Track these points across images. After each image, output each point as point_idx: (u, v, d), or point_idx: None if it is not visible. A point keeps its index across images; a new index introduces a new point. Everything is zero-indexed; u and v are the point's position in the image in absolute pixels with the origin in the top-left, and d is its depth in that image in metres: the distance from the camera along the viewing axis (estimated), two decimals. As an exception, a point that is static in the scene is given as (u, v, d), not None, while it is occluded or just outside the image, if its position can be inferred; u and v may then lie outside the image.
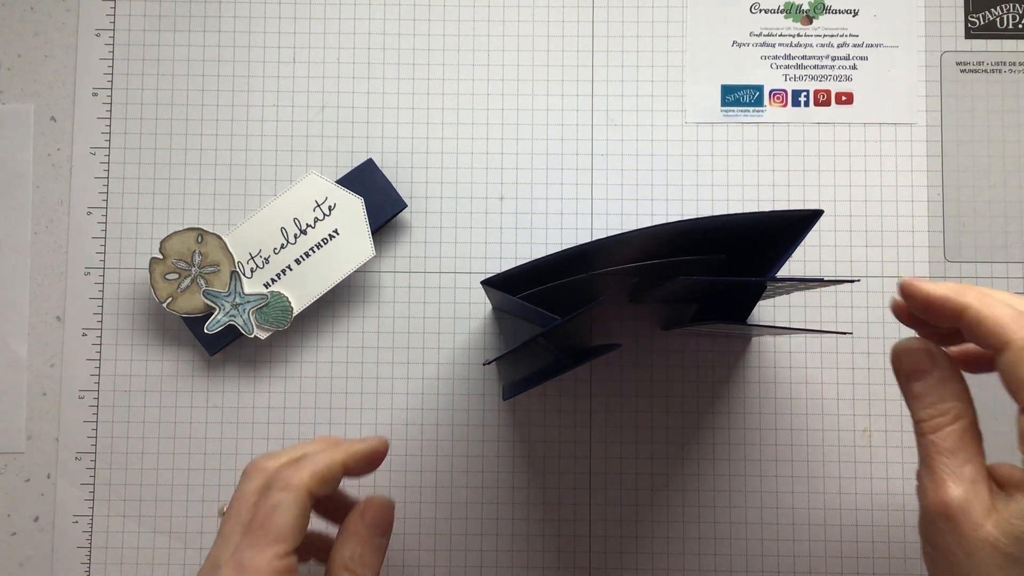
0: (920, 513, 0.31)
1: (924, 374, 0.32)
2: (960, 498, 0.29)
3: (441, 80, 0.45)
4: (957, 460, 0.30)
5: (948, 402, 0.31)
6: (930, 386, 0.31)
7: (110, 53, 0.46)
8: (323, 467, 0.33)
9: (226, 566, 0.30)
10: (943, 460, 0.30)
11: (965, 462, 0.30)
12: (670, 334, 0.44)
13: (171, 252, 0.43)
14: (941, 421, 0.31)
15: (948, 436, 0.30)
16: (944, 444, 0.30)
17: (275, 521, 0.31)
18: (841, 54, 0.46)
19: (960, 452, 0.30)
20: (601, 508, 0.44)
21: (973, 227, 0.45)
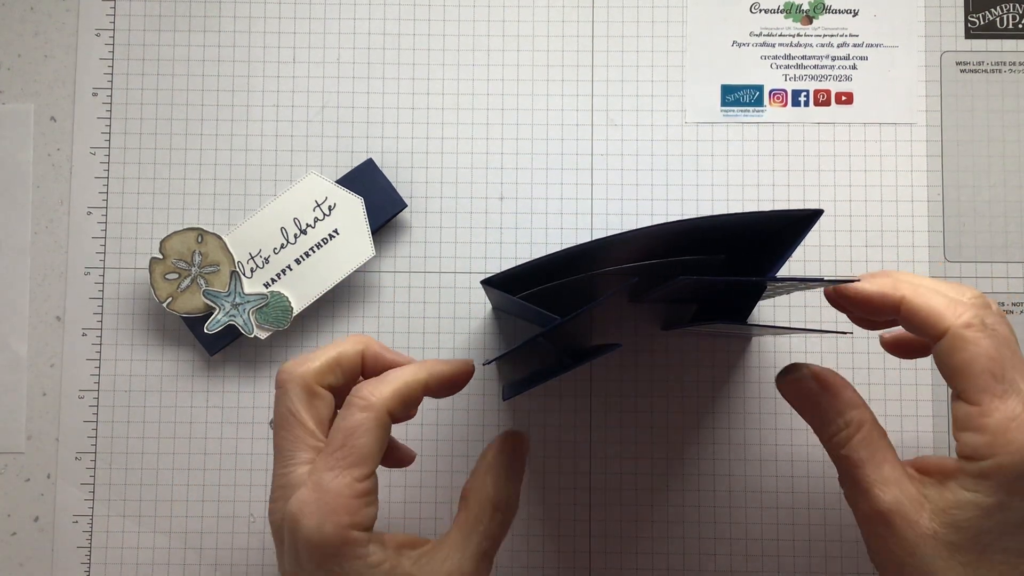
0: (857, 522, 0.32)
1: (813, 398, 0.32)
2: (890, 502, 0.30)
3: (441, 80, 0.46)
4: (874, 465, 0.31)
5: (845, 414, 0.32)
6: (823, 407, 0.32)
7: (110, 53, 0.46)
8: (404, 386, 0.31)
9: (305, 488, 0.29)
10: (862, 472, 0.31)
11: (882, 463, 0.31)
12: (670, 334, 0.44)
13: (171, 252, 0.43)
14: (846, 434, 0.31)
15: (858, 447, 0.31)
16: (857, 456, 0.31)
17: (356, 444, 0.29)
18: (841, 54, 0.46)
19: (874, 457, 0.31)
20: (601, 508, 0.44)
21: (973, 227, 0.45)
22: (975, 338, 0.29)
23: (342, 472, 0.29)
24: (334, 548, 0.29)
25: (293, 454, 0.31)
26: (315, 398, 0.31)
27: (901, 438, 0.44)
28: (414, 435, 0.44)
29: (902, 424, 0.44)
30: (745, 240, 0.39)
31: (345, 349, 0.33)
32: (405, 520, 0.44)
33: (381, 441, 0.30)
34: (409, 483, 0.44)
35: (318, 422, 0.31)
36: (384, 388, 0.31)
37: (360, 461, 0.30)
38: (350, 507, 0.29)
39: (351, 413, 0.30)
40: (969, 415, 0.29)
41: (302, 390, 0.31)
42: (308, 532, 0.29)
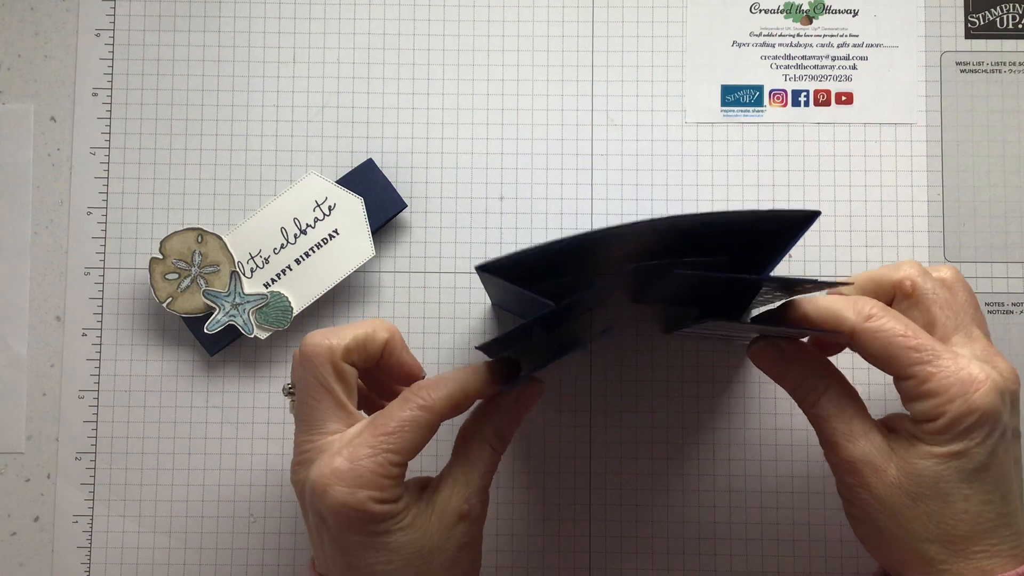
0: (834, 478, 0.34)
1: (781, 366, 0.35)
2: (858, 453, 0.32)
3: (441, 80, 0.46)
4: (843, 420, 0.33)
5: (811, 378, 0.34)
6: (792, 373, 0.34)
7: (110, 53, 0.46)
8: (460, 393, 0.33)
9: (340, 457, 0.31)
10: (831, 426, 0.33)
11: (851, 418, 0.33)
12: (671, 336, 0.44)
13: (171, 252, 0.43)
14: (814, 395, 0.33)
15: (826, 403, 0.33)
16: (826, 412, 0.33)
17: (405, 436, 0.31)
18: (841, 54, 0.46)
19: (843, 412, 0.33)
20: (601, 508, 0.44)
21: (973, 227, 0.45)
22: (877, 326, 0.31)
23: (381, 453, 0.31)
24: (362, 515, 0.30)
25: (323, 423, 0.32)
26: (343, 372, 0.33)
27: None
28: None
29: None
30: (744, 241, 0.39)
31: (373, 333, 0.34)
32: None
33: (425, 439, 0.32)
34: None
35: (348, 393, 0.33)
36: (441, 393, 0.32)
37: (402, 450, 0.31)
38: (380, 484, 0.31)
39: (409, 406, 0.32)
40: (908, 388, 0.32)
41: (330, 363, 0.32)
42: (339, 498, 0.30)
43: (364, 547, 0.31)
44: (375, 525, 0.31)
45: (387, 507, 0.31)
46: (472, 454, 0.34)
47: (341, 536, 0.31)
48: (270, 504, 0.44)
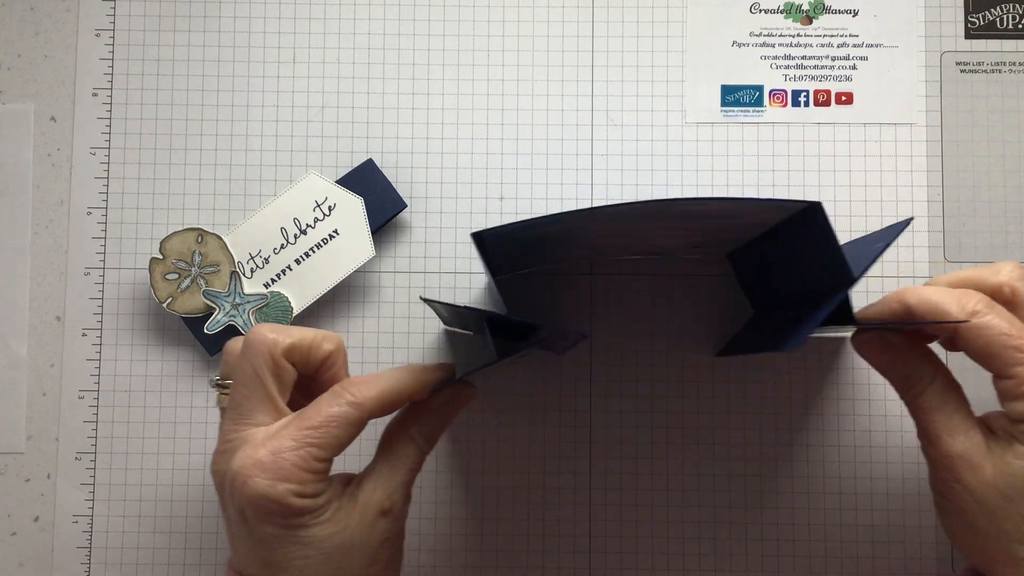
0: (928, 471, 0.34)
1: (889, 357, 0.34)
2: (957, 448, 0.32)
3: (441, 80, 0.46)
4: (945, 414, 0.33)
5: (918, 370, 0.33)
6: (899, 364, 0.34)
7: (110, 53, 0.46)
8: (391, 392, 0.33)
9: (263, 449, 0.31)
10: (932, 419, 0.33)
11: (953, 413, 0.33)
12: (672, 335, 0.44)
13: (171, 252, 0.43)
14: (918, 388, 0.33)
15: (930, 396, 0.33)
16: (929, 404, 0.33)
17: (331, 431, 0.31)
18: (841, 54, 0.46)
19: (945, 407, 0.33)
20: (601, 508, 0.44)
21: (973, 227, 0.45)
22: (983, 323, 0.31)
23: (304, 447, 0.31)
24: (281, 508, 0.30)
25: (251, 415, 0.32)
26: (281, 368, 0.33)
27: (901, 438, 0.44)
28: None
29: (902, 424, 0.44)
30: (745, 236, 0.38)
31: (320, 341, 0.34)
32: (405, 520, 0.44)
33: (353, 437, 0.32)
34: (409, 483, 0.44)
35: (281, 389, 0.33)
36: (371, 391, 0.32)
37: (326, 446, 0.31)
38: (301, 478, 0.31)
39: (338, 402, 0.32)
40: (1007, 388, 0.31)
41: (271, 357, 0.32)
42: (259, 490, 0.30)
43: (282, 541, 0.31)
44: (294, 519, 0.31)
45: (307, 501, 0.31)
46: (397, 452, 0.34)
47: (259, 529, 0.31)
48: (270, 504, 0.44)
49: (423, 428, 0.34)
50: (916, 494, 0.43)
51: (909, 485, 0.44)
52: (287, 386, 0.33)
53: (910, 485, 0.44)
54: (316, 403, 0.32)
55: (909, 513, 0.43)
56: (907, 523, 0.43)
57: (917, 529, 0.43)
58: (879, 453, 0.44)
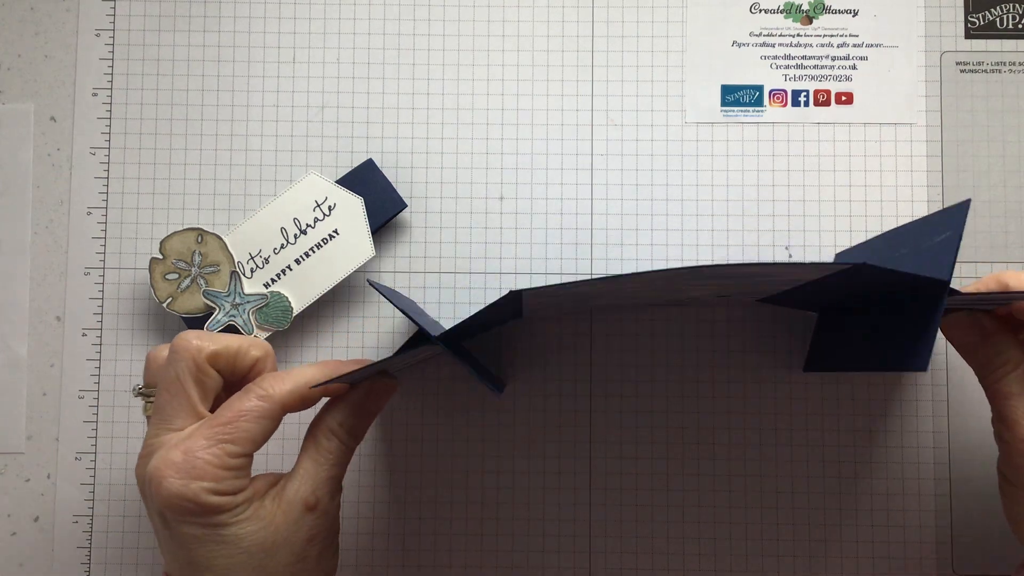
0: (1000, 456, 0.35)
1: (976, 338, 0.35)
2: None
3: (441, 80, 0.46)
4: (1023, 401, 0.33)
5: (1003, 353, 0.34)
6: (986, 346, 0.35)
7: (110, 53, 0.46)
8: (304, 385, 0.33)
9: (175, 450, 0.31)
10: (1012, 403, 0.33)
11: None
12: (673, 335, 0.44)
13: (171, 252, 0.43)
14: (1002, 371, 0.34)
15: (1011, 381, 0.34)
16: (1009, 389, 0.34)
17: (242, 425, 0.31)
18: (841, 54, 0.46)
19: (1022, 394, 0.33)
20: (601, 508, 0.44)
21: (973, 227, 0.45)
22: None
23: (217, 444, 0.31)
24: (196, 506, 0.30)
25: (172, 419, 0.32)
26: (204, 374, 0.33)
27: (901, 438, 0.44)
28: (415, 435, 0.44)
29: (901, 424, 0.44)
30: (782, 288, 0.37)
31: (247, 349, 0.34)
32: (405, 520, 0.44)
33: (267, 430, 0.32)
34: (409, 483, 0.44)
35: (202, 395, 0.33)
36: (285, 385, 0.33)
37: (239, 440, 0.31)
38: (216, 475, 0.31)
39: (249, 398, 0.32)
40: None
41: (194, 363, 0.32)
42: (173, 490, 0.30)
43: (203, 540, 0.31)
44: (211, 517, 0.31)
45: (223, 499, 0.31)
46: (319, 447, 0.34)
47: (179, 529, 0.31)
48: (270, 504, 0.44)
49: (344, 421, 0.34)
50: (916, 494, 0.44)
51: (909, 485, 0.44)
52: (210, 392, 0.33)
53: (910, 485, 0.44)
54: (228, 402, 0.32)
55: (909, 513, 0.43)
56: (907, 523, 0.43)
57: (917, 529, 0.43)
58: (879, 453, 0.44)
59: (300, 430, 0.34)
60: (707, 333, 0.44)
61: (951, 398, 0.44)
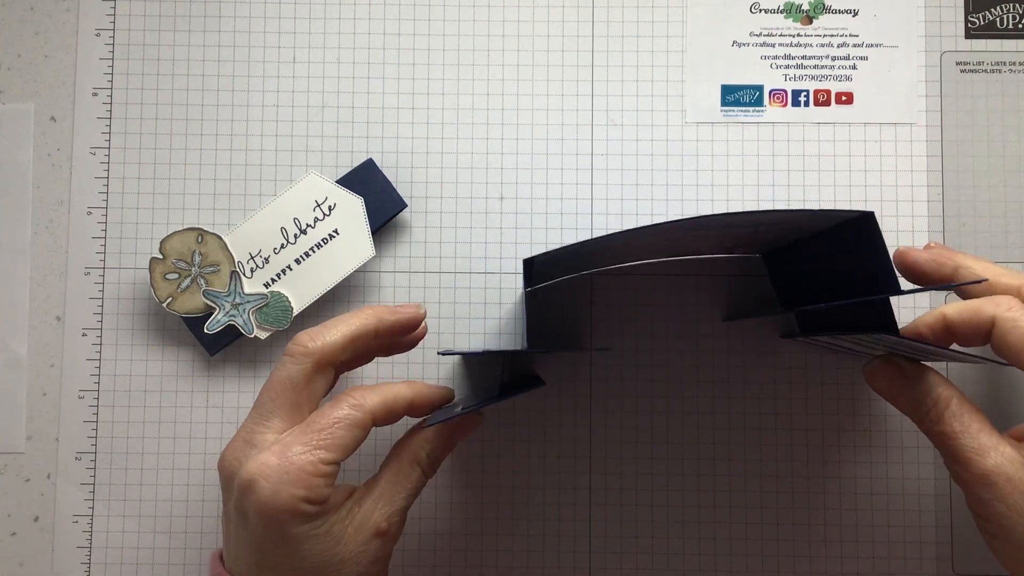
0: (966, 498, 0.33)
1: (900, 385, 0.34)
2: (991, 465, 0.31)
3: (441, 80, 0.45)
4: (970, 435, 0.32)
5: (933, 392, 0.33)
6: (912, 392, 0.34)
7: (110, 53, 0.46)
8: (392, 399, 0.34)
9: (270, 453, 0.31)
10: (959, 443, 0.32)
11: (977, 433, 0.32)
12: (675, 335, 0.44)
13: (171, 252, 0.43)
14: (937, 411, 0.33)
15: (950, 419, 0.32)
16: (951, 428, 0.32)
17: (336, 433, 0.32)
18: (841, 54, 0.46)
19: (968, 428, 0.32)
20: (601, 508, 0.44)
21: (973, 227, 0.45)
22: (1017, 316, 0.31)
23: (312, 451, 0.31)
24: (285, 515, 0.31)
25: (270, 417, 0.33)
26: (318, 376, 0.33)
27: (901, 438, 0.44)
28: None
29: (901, 424, 0.44)
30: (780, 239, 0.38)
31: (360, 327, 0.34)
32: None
33: (358, 440, 0.32)
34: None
35: (308, 400, 0.33)
36: (375, 397, 0.33)
37: (333, 448, 0.32)
38: (310, 483, 0.31)
39: (341, 407, 0.32)
40: None
41: (312, 366, 0.33)
42: (264, 496, 0.30)
43: (278, 546, 0.31)
44: (295, 527, 0.31)
45: (314, 508, 0.31)
46: (401, 474, 0.34)
47: (258, 533, 0.31)
48: (270, 504, 0.44)
49: (432, 451, 0.35)
50: (916, 494, 0.43)
51: (909, 485, 0.44)
52: (316, 396, 0.34)
53: (910, 485, 0.44)
54: (320, 410, 0.33)
55: (909, 513, 0.43)
56: (907, 523, 0.43)
57: (917, 529, 0.43)
58: (879, 453, 0.44)
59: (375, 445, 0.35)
60: (709, 334, 0.44)
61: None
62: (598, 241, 0.33)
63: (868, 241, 0.33)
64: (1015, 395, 0.44)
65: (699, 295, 0.44)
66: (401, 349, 0.38)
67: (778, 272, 0.43)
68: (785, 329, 0.44)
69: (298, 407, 0.33)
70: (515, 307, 0.45)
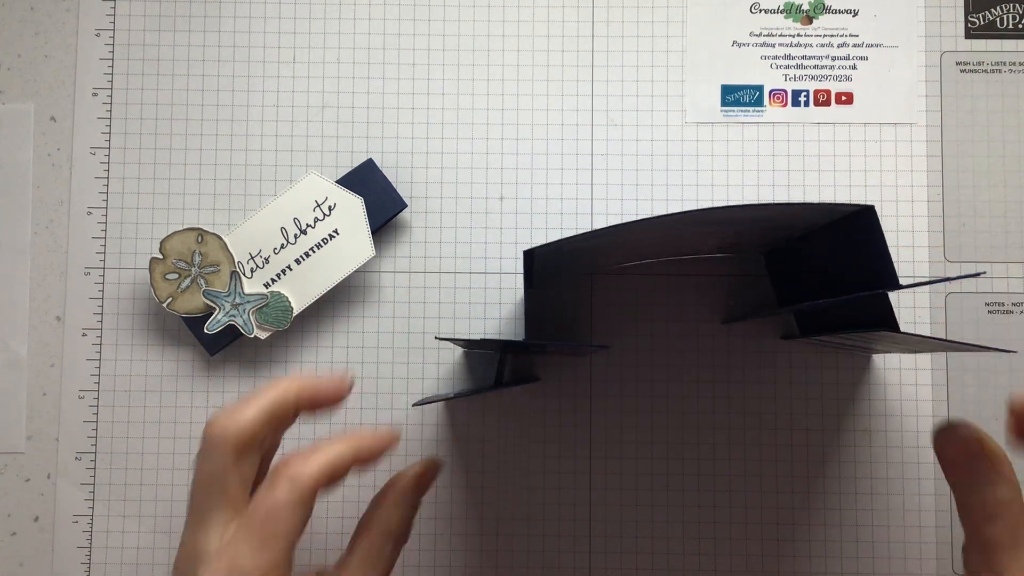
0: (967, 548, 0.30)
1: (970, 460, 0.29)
2: None
3: (441, 80, 0.46)
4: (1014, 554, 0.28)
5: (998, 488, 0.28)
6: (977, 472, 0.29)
7: (110, 53, 0.46)
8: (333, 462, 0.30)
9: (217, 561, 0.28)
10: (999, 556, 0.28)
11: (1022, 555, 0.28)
12: (675, 334, 0.44)
13: (171, 252, 0.43)
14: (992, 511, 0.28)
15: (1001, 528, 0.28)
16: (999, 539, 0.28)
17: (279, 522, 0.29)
18: (841, 54, 0.46)
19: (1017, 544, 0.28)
20: (601, 508, 0.44)
21: (973, 227, 0.45)
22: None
23: (262, 552, 0.28)
24: None
25: (207, 520, 0.30)
26: (243, 461, 0.30)
27: (901, 438, 0.44)
28: (415, 436, 0.44)
29: (902, 424, 0.44)
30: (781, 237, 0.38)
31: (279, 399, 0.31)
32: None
33: (304, 519, 0.30)
34: (409, 483, 0.44)
35: (241, 484, 0.30)
36: (312, 466, 0.30)
37: (281, 536, 0.29)
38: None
39: (277, 489, 0.29)
40: None
41: (233, 450, 0.30)
42: None
43: None
44: None
45: None
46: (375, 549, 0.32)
47: None
48: (270, 504, 0.44)
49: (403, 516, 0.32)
50: (916, 494, 0.44)
51: (909, 485, 0.44)
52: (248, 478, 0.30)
53: (910, 485, 0.44)
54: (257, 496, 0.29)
55: (909, 513, 0.43)
56: (907, 523, 0.43)
57: (917, 529, 0.43)
58: (879, 453, 0.44)
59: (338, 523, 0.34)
60: (709, 334, 0.44)
61: (951, 398, 0.44)
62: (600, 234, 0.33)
63: (868, 236, 0.33)
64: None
65: (699, 295, 0.44)
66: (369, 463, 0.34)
67: (778, 272, 0.43)
68: (785, 330, 0.44)
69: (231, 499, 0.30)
70: (515, 307, 0.45)
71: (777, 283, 0.43)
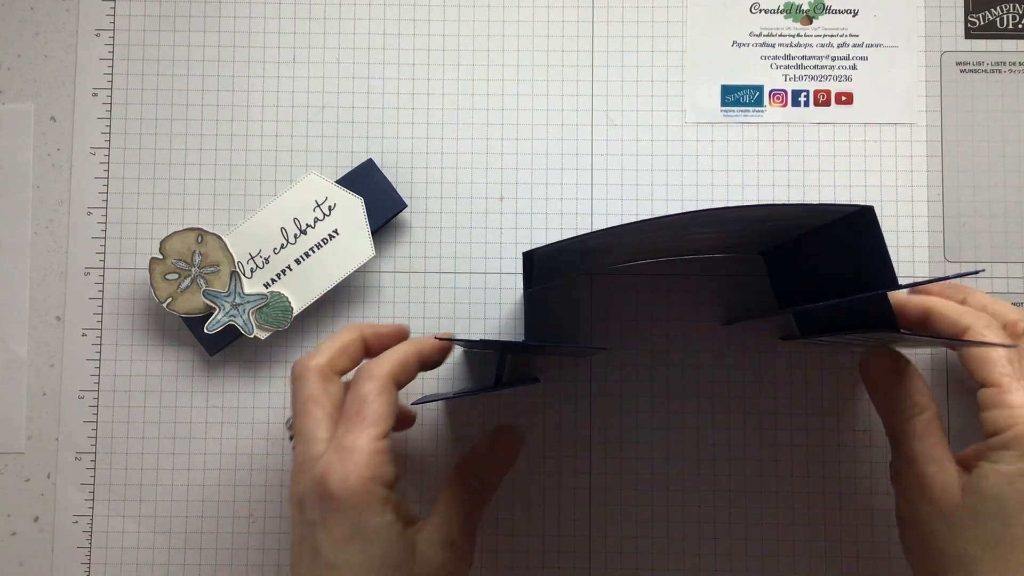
0: (897, 499, 0.36)
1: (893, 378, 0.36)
2: (932, 473, 0.34)
3: (441, 80, 0.46)
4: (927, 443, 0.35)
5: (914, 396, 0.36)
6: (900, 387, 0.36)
7: (110, 53, 0.46)
8: (401, 357, 0.35)
9: (328, 452, 0.32)
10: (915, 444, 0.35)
11: (934, 445, 0.35)
12: (673, 334, 0.44)
13: (171, 252, 0.43)
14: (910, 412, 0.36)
15: (917, 424, 0.35)
16: (914, 430, 0.35)
17: (369, 408, 0.33)
18: (841, 54, 0.46)
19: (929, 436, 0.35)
20: (601, 508, 0.44)
21: (973, 227, 0.45)
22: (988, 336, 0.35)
23: (360, 432, 0.32)
24: (357, 499, 0.31)
25: (314, 434, 0.34)
26: (330, 383, 0.35)
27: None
28: (415, 435, 0.44)
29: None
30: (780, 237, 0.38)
31: (345, 337, 0.36)
32: (405, 520, 0.44)
33: (391, 404, 0.34)
34: (409, 483, 0.44)
35: (334, 404, 0.35)
36: (385, 363, 0.34)
37: (375, 421, 0.33)
38: (371, 463, 0.32)
39: (360, 384, 0.34)
40: (990, 395, 0.34)
41: (318, 377, 0.35)
42: (334, 486, 0.31)
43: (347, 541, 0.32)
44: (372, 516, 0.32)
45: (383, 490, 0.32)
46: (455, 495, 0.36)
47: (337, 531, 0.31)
48: (270, 504, 0.44)
49: (478, 470, 0.37)
50: (916, 494, 0.43)
51: (909, 485, 0.44)
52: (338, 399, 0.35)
53: (910, 485, 0.44)
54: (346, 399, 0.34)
55: (909, 513, 0.43)
56: (907, 523, 0.43)
57: (917, 529, 0.43)
58: (880, 453, 0.44)
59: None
60: (709, 334, 0.44)
61: (951, 397, 0.44)
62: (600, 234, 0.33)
63: (868, 236, 0.33)
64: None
65: (699, 295, 0.44)
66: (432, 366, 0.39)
67: (778, 272, 0.43)
68: (785, 331, 0.44)
69: (328, 413, 0.34)
70: (515, 307, 0.45)
71: (777, 283, 0.43)
